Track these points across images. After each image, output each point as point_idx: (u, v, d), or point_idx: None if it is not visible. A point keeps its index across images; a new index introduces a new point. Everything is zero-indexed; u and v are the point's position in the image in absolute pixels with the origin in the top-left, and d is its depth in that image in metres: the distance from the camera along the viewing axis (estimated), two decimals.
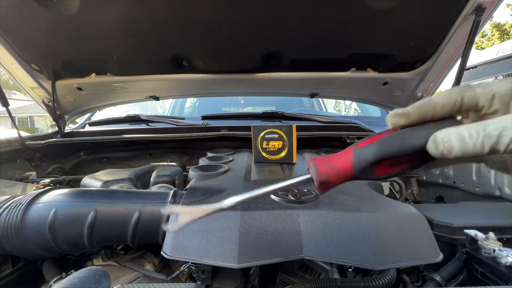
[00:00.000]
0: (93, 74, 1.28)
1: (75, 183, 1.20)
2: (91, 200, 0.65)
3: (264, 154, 0.97)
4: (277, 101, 2.16)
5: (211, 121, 1.64)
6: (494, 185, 1.03)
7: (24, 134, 1.24)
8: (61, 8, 0.93)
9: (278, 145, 0.95)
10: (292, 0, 0.92)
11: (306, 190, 0.66)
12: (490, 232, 0.67)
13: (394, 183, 1.29)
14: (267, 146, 0.96)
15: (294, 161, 0.95)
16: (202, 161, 1.05)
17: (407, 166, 0.32)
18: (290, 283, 0.70)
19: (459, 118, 0.30)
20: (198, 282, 0.68)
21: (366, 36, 1.07)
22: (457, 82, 1.11)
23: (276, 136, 0.94)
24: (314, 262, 0.72)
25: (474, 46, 1.12)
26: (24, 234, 0.60)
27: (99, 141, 1.30)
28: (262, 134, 0.95)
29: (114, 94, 1.45)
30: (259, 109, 1.93)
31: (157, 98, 1.51)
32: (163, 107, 2.34)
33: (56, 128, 1.44)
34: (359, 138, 1.28)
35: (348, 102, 2.34)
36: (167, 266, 0.84)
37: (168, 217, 0.61)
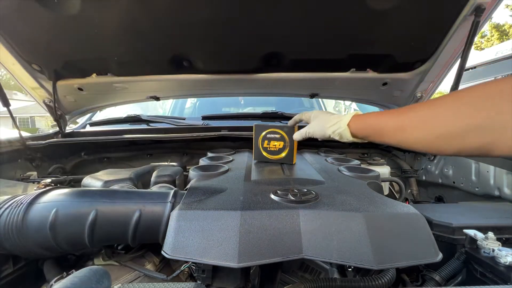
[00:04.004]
0: (94, 75, 1.28)
1: (76, 183, 1.20)
2: (92, 200, 0.65)
3: (264, 154, 0.97)
4: (277, 101, 2.17)
5: (211, 121, 1.64)
6: (493, 185, 1.03)
7: (25, 134, 1.24)
8: (62, 8, 0.94)
9: (279, 145, 0.95)
10: (292, 0, 0.92)
11: (306, 190, 0.66)
12: (490, 232, 0.67)
13: (394, 183, 1.29)
14: (268, 146, 0.96)
15: (294, 162, 0.96)
16: (202, 161, 1.05)
17: None
18: (290, 283, 0.71)
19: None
20: (199, 282, 0.69)
21: (366, 36, 1.08)
22: (457, 82, 1.11)
23: (277, 136, 0.94)
24: (314, 261, 0.73)
25: (473, 46, 1.12)
26: (25, 233, 0.61)
27: (100, 141, 1.30)
28: (263, 133, 0.96)
29: (114, 94, 1.45)
30: (259, 109, 1.94)
31: (157, 99, 1.51)
32: (163, 107, 2.34)
33: (57, 128, 1.44)
34: None
35: (348, 102, 2.35)
36: (167, 266, 0.84)
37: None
